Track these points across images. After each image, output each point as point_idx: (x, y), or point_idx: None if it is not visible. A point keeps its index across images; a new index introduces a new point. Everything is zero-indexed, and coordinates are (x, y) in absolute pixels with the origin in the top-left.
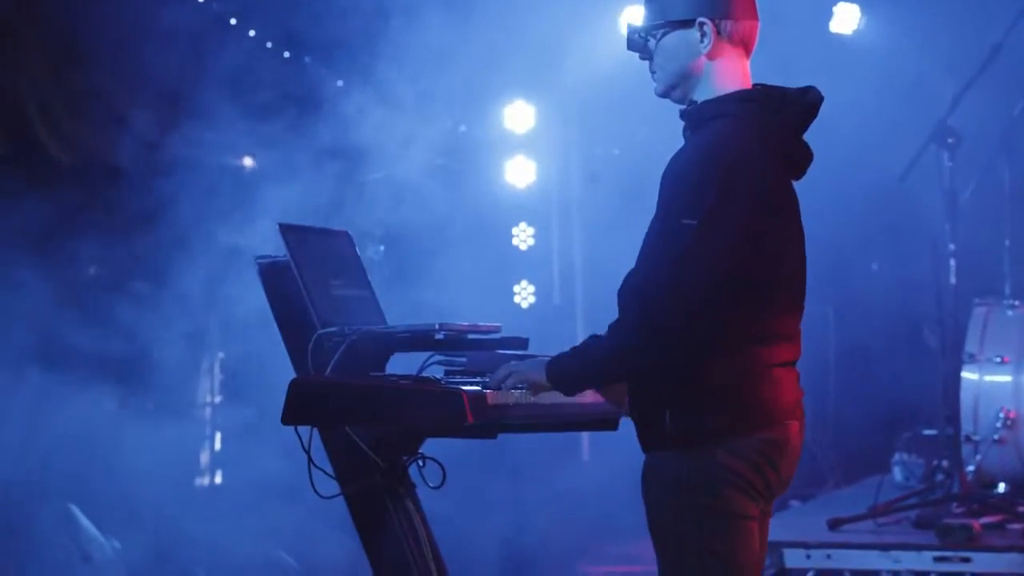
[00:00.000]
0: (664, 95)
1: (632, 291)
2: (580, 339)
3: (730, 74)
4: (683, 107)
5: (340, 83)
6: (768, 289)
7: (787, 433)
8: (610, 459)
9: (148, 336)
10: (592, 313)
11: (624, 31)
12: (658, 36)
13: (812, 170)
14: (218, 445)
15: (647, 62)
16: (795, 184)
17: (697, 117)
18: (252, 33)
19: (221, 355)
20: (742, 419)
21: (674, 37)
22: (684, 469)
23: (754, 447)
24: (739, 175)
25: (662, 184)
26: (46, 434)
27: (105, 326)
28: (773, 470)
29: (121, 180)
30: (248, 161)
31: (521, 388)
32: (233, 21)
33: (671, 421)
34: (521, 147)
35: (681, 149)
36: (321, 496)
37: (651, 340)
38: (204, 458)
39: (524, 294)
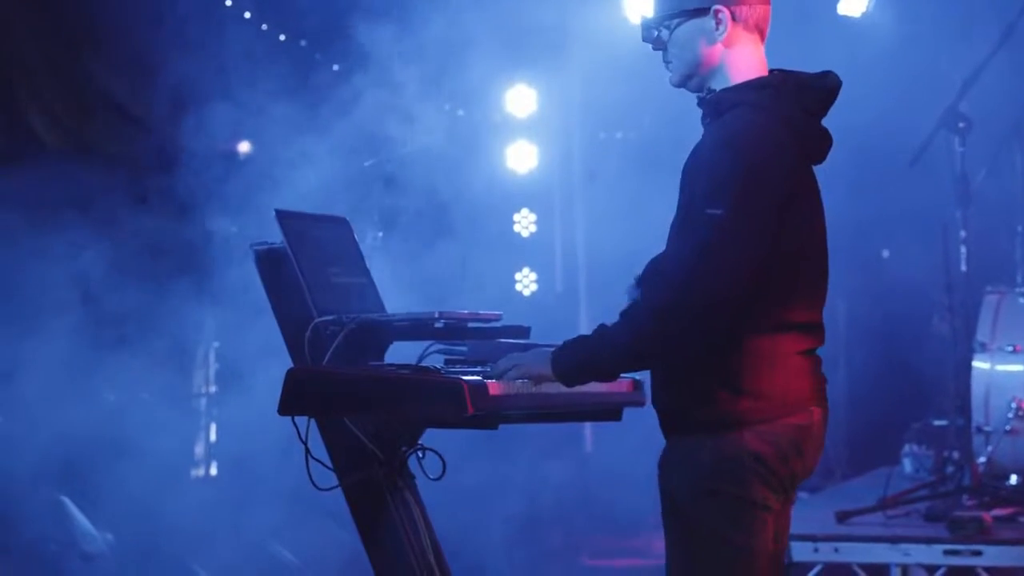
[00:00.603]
0: (680, 85)
1: (656, 279)
2: (583, 327)
3: (746, 61)
4: (700, 95)
5: (336, 67)
6: (790, 277)
7: (811, 419)
8: (613, 450)
9: (142, 325)
10: (595, 301)
11: (629, 13)
12: (672, 26)
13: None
14: (213, 436)
15: (661, 52)
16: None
17: (715, 106)
18: (247, 15)
19: (216, 344)
20: (767, 406)
21: (689, 26)
22: (708, 455)
23: (780, 433)
24: (761, 163)
25: (684, 175)
26: (42, 424)
27: (100, 315)
28: (799, 457)
29: (115, 167)
30: (243, 147)
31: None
32: (228, 3)
33: (696, 407)
34: (523, 131)
35: (702, 140)
36: (319, 488)
37: (671, 330)
38: (199, 449)
39: (526, 282)
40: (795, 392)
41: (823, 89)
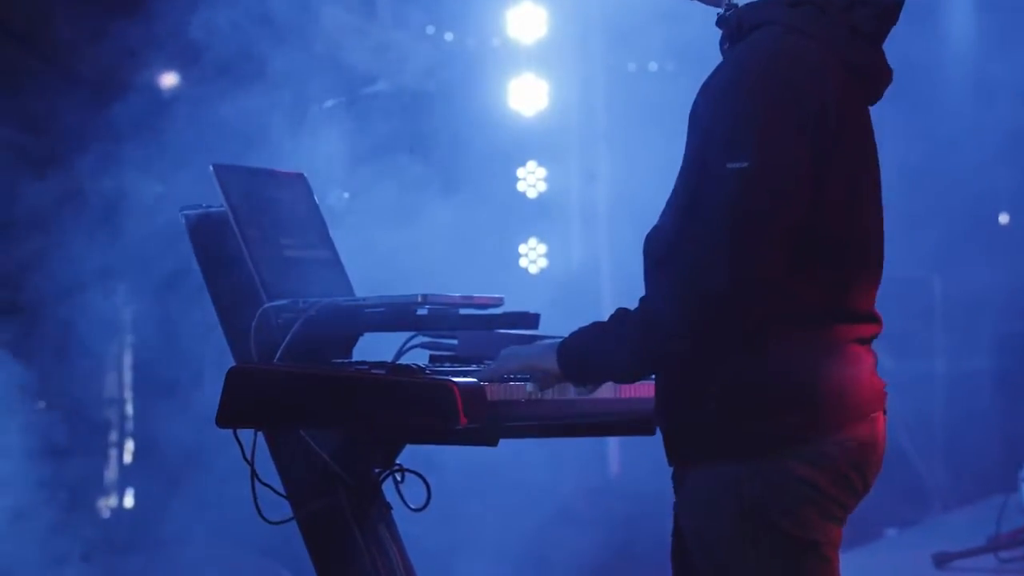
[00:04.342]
0: None
1: (671, 254)
2: (607, 314)
3: None
4: (719, 12)
5: None
6: (836, 247)
7: (875, 429)
8: (644, 473)
9: (35, 311)
10: (622, 280)
11: None
12: None
13: (916, 100)
14: (129, 457)
15: None
16: (877, 113)
17: (736, 26)
18: None
19: (133, 338)
20: (821, 414)
21: None
22: (746, 486)
23: (837, 452)
24: (794, 100)
25: (693, 114)
26: None
27: None
28: (861, 478)
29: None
30: (168, 81)
31: (527, 378)
32: None
33: (725, 421)
34: (530, 62)
35: (717, 69)
36: (268, 521)
37: (703, 319)
38: (110, 474)
39: (533, 256)
40: (859, 393)
41: (880, 5)
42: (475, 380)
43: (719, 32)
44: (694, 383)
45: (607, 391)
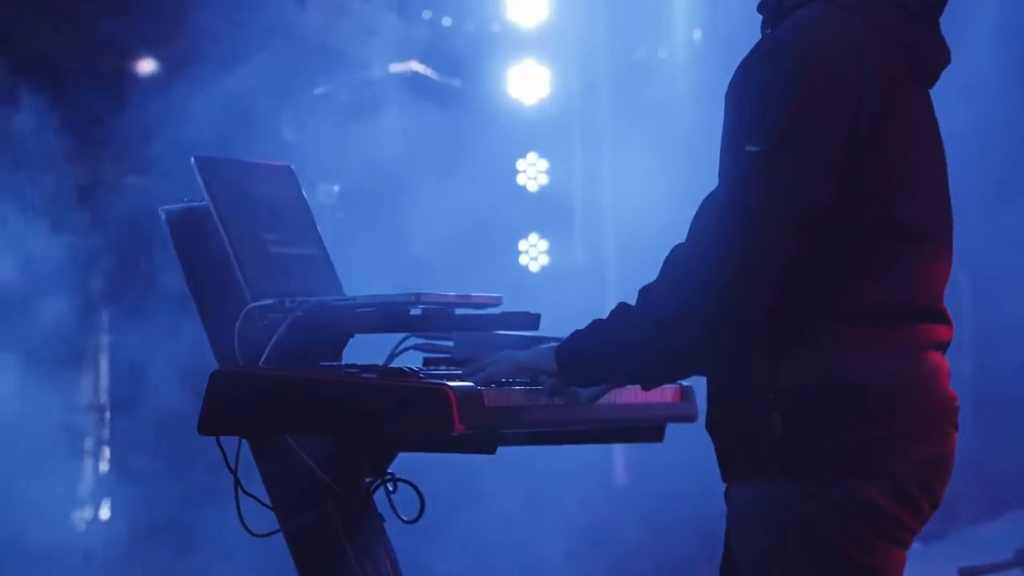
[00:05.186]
0: None
1: (683, 245)
2: None
3: None
4: None
5: None
6: (888, 237)
7: (950, 447)
8: (654, 484)
9: (8, 310)
10: (628, 278)
11: None
12: None
13: (942, 85)
14: (105, 466)
15: None
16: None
17: (777, 6)
18: None
19: (109, 339)
20: (891, 428)
21: None
22: (804, 506)
23: (905, 472)
24: (831, 82)
25: (727, 97)
26: None
27: None
28: (929, 500)
29: None
30: (145, 66)
31: (527, 382)
32: None
33: (782, 434)
34: (531, 48)
35: (754, 48)
36: (253, 534)
37: (708, 318)
38: (86, 485)
39: (534, 252)
40: (933, 404)
41: None
42: (472, 384)
43: (732, 19)
44: (750, 393)
45: (612, 396)
